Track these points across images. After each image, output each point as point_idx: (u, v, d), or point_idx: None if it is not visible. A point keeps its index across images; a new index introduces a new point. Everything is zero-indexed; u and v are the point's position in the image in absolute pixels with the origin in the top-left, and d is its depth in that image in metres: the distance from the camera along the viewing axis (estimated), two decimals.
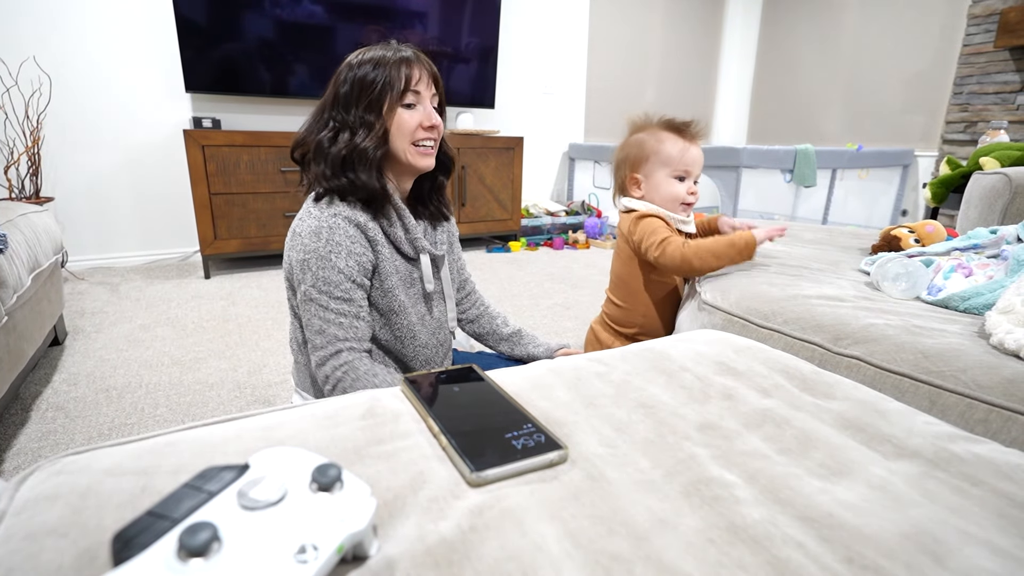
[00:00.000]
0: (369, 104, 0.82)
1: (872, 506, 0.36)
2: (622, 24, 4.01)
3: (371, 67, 0.82)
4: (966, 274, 0.92)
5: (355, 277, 0.81)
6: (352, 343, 0.81)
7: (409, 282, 0.89)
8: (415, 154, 0.86)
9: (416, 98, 0.84)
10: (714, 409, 0.49)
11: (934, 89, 3.44)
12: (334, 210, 0.81)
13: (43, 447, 1.16)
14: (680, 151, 1.03)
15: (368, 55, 0.84)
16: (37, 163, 2.33)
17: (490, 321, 1.09)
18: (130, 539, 0.25)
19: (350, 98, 0.82)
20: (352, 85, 0.83)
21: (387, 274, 0.85)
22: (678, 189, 1.04)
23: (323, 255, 0.79)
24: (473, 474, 0.37)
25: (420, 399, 0.47)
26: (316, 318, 0.80)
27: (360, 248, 0.81)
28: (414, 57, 0.85)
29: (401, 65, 0.82)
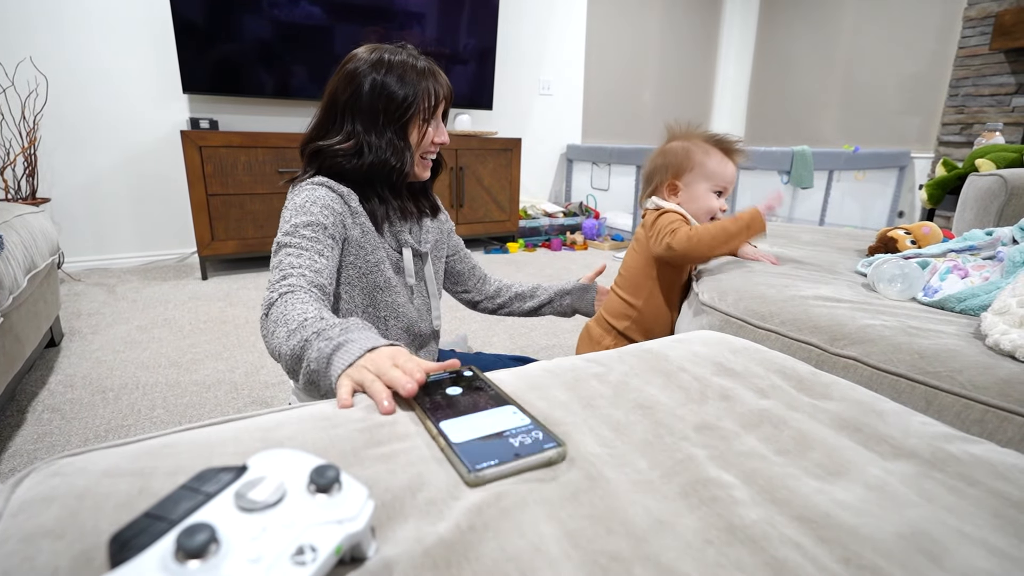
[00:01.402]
0: (398, 126, 0.83)
1: (869, 506, 0.37)
2: (620, 26, 4.02)
3: (397, 80, 0.82)
4: (962, 275, 0.92)
5: (327, 224, 0.78)
6: (304, 271, 0.71)
7: (395, 269, 0.90)
8: (420, 166, 0.88)
9: (435, 114, 0.86)
10: (712, 410, 0.49)
11: (930, 91, 3.46)
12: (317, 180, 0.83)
13: (39, 449, 1.16)
14: (725, 168, 1.07)
15: (391, 60, 0.83)
16: (33, 164, 2.33)
17: (508, 289, 1.14)
18: (127, 541, 0.25)
19: (376, 111, 0.82)
20: (376, 96, 0.82)
21: (373, 246, 0.85)
22: (714, 203, 1.08)
23: (298, 205, 0.79)
24: (471, 474, 0.37)
25: (418, 400, 0.47)
26: (281, 251, 0.74)
27: (339, 207, 0.81)
28: (434, 70, 0.86)
29: (429, 82, 0.84)
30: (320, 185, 0.82)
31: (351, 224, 0.83)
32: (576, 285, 1.16)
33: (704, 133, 1.10)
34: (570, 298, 1.15)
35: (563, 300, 1.15)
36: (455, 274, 1.11)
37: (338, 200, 0.82)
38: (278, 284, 0.69)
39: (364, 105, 0.83)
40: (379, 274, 0.87)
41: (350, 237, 0.84)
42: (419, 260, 0.95)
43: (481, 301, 1.13)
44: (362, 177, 0.84)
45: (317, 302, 0.67)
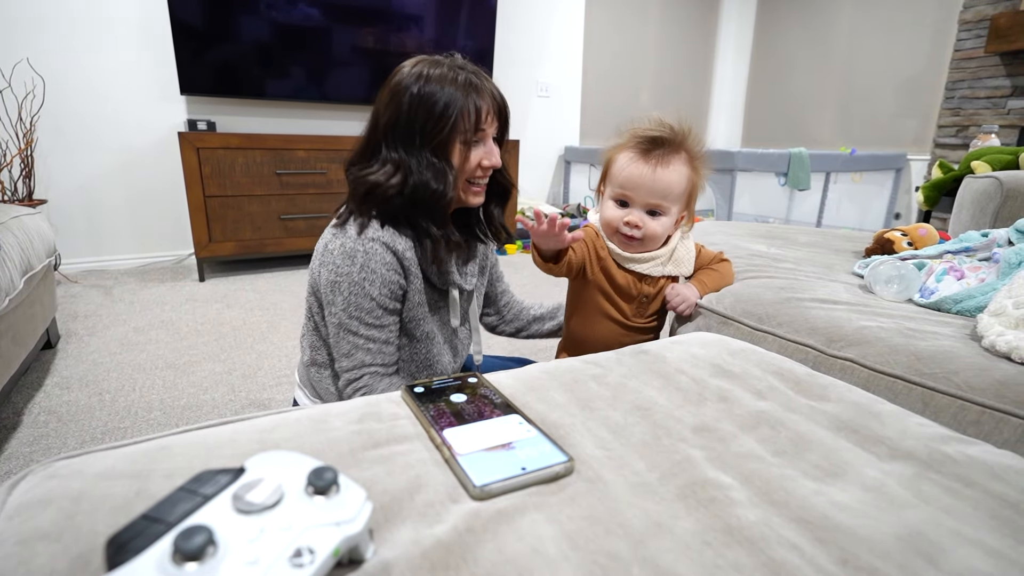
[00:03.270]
0: (436, 146, 0.76)
1: (866, 508, 0.37)
2: (617, 28, 4.03)
3: (432, 95, 0.74)
4: (958, 277, 0.93)
5: (387, 304, 0.78)
6: (377, 367, 0.80)
7: (434, 311, 0.86)
8: (468, 192, 0.82)
9: (481, 135, 0.79)
10: (709, 411, 0.49)
11: (926, 94, 3.47)
12: (373, 233, 0.76)
13: (35, 451, 1.15)
14: (621, 169, 0.84)
15: (430, 86, 0.75)
16: (30, 165, 2.32)
17: (526, 312, 1.10)
18: (124, 543, 0.25)
19: (412, 131, 0.76)
20: (412, 114, 0.75)
21: (416, 303, 0.82)
22: (612, 214, 0.86)
23: (356, 281, 0.76)
24: (477, 489, 0.36)
25: (421, 408, 0.46)
26: (345, 343, 0.79)
27: (394, 276, 0.78)
28: (481, 84, 0.77)
29: (471, 97, 0.75)
30: (374, 241, 0.76)
31: (406, 285, 0.80)
32: None
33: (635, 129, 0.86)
34: None
35: None
36: (490, 301, 1.06)
37: (394, 264, 0.77)
38: (355, 383, 0.80)
39: (402, 125, 0.76)
40: (417, 326, 0.84)
41: (407, 293, 0.81)
42: (465, 299, 0.90)
43: (499, 325, 1.09)
44: (410, 208, 0.77)
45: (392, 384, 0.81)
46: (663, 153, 0.81)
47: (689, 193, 0.84)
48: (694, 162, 0.83)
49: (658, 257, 0.89)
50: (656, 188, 0.81)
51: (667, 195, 0.82)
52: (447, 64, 0.78)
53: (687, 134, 0.83)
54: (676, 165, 0.81)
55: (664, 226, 0.84)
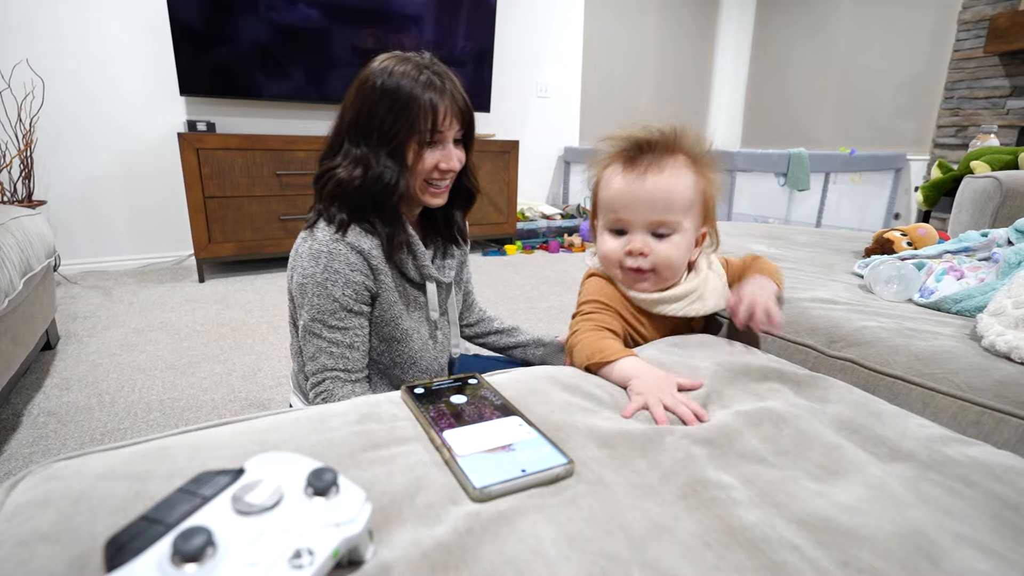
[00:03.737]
0: (392, 148, 0.76)
1: (867, 508, 0.37)
2: (617, 28, 4.03)
3: (393, 100, 0.75)
4: (958, 276, 0.93)
5: (351, 306, 0.78)
6: (339, 372, 0.79)
7: (414, 307, 0.87)
8: (425, 193, 0.81)
9: (439, 137, 0.78)
10: (709, 412, 0.49)
11: (925, 94, 3.47)
12: (338, 234, 0.77)
13: (34, 452, 1.15)
14: (607, 188, 0.67)
15: (392, 81, 0.75)
16: (29, 166, 2.32)
17: (489, 322, 1.10)
18: (123, 544, 0.25)
19: (370, 131, 0.76)
20: (372, 117, 0.76)
21: (390, 302, 0.82)
22: (609, 247, 0.67)
23: (320, 282, 0.76)
24: (476, 491, 0.36)
25: (421, 409, 0.46)
26: (311, 346, 0.79)
27: (360, 276, 0.78)
28: (443, 86, 0.77)
29: (428, 99, 0.75)
30: (338, 242, 0.76)
31: (373, 285, 0.80)
32: (553, 341, 1.07)
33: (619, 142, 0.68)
34: (543, 351, 1.08)
35: (536, 350, 1.08)
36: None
37: (359, 264, 0.77)
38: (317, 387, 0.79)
39: (363, 120, 0.77)
40: (396, 327, 0.84)
41: (378, 294, 0.81)
42: (443, 292, 0.91)
43: (460, 326, 1.08)
44: (368, 202, 0.78)
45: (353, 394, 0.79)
46: (652, 158, 0.64)
47: (703, 202, 0.66)
48: (698, 165, 0.66)
49: (693, 292, 0.68)
50: (654, 200, 0.63)
51: (669, 206, 0.63)
52: (413, 62, 0.77)
53: (683, 136, 0.66)
54: (673, 169, 0.64)
55: (679, 248, 0.64)
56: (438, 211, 0.88)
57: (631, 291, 0.68)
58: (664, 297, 0.67)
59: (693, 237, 0.67)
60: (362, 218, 0.79)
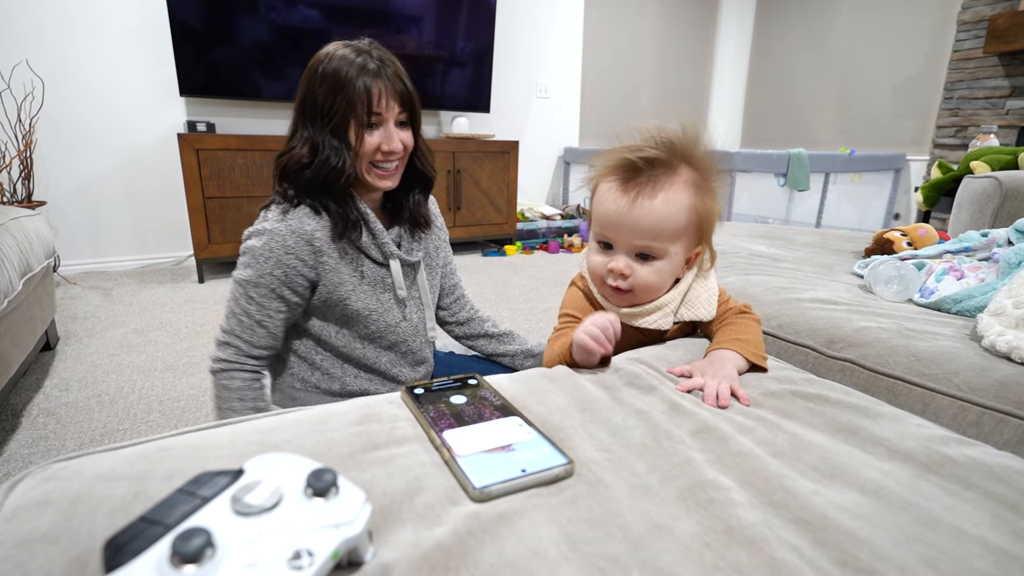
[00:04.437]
0: (333, 128, 0.79)
1: (866, 509, 0.37)
2: (617, 28, 4.03)
3: (332, 84, 0.78)
4: (958, 277, 0.93)
5: (276, 287, 0.80)
6: (241, 344, 0.82)
7: (381, 287, 0.88)
8: (373, 175, 0.83)
9: (378, 119, 0.81)
10: (707, 414, 0.49)
11: (925, 94, 3.48)
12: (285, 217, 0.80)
13: (34, 453, 1.15)
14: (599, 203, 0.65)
15: (331, 65, 0.79)
16: (29, 167, 2.32)
17: (480, 323, 1.08)
18: (122, 545, 0.25)
19: (315, 115, 0.80)
20: (315, 100, 0.80)
21: (335, 283, 0.83)
22: (594, 259, 0.67)
23: (256, 255, 0.79)
24: (476, 491, 0.36)
25: (420, 410, 0.46)
26: (230, 303, 0.83)
27: (294, 261, 0.80)
28: (379, 70, 0.80)
29: (363, 83, 0.78)
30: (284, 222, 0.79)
31: (311, 271, 0.81)
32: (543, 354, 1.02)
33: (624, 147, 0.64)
34: (532, 363, 1.06)
35: (525, 362, 1.06)
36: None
37: (297, 248, 0.79)
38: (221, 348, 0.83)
39: (308, 110, 0.81)
40: (346, 306, 0.85)
41: (319, 278, 0.82)
42: (410, 270, 0.92)
43: (450, 323, 1.08)
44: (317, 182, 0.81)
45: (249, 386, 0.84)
46: (649, 179, 0.61)
47: (698, 224, 0.63)
48: (702, 183, 0.63)
49: (666, 306, 0.67)
50: (639, 227, 0.61)
51: (657, 234, 0.61)
52: (354, 47, 0.81)
53: (691, 149, 0.63)
54: (669, 193, 0.61)
55: (661, 273, 0.64)
56: (399, 194, 0.90)
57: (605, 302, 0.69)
58: (634, 312, 0.67)
59: (681, 260, 0.65)
60: (313, 197, 0.81)
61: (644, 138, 0.64)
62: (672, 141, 0.63)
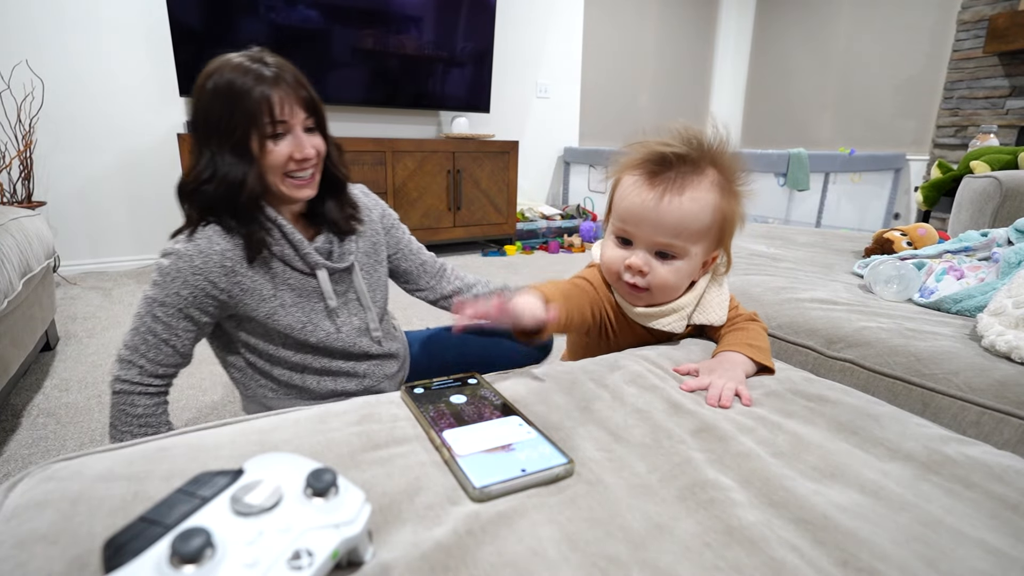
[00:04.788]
0: (234, 146, 0.75)
1: (866, 509, 0.37)
2: (617, 29, 4.03)
3: (227, 97, 0.74)
4: (958, 276, 0.93)
5: (184, 308, 0.78)
6: (145, 363, 0.79)
7: (316, 297, 0.85)
8: (289, 187, 0.79)
9: (283, 127, 0.77)
10: (709, 413, 0.49)
11: (925, 94, 3.48)
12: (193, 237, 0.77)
13: (34, 453, 1.15)
14: (623, 197, 0.63)
15: (224, 78, 0.75)
16: (29, 167, 2.32)
17: (468, 288, 1.04)
18: (122, 546, 0.25)
19: (211, 133, 0.76)
20: (208, 117, 0.75)
21: (256, 301, 0.80)
22: (611, 254, 0.65)
23: (164, 273, 0.77)
24: (476, 490, 0.36)
25: (421, 409, 0.46)
26: (136, 318, 0.79)
27: (204, 283, 0.77)
28: (276, 77, 0.76)
29: (260, 92, 0.74)
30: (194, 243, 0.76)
31: (221, 292, 0.78)
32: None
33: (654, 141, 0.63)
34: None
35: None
36: (402, 273, 1.02)
37: (206, 268, 0.76)
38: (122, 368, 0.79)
39: (202, 121, 0.77)
40: (276, 321, 0.82)
41: (234, 299, 0.79)
42: (344, 275, 0.88)
43: (438, 300, 1.04)
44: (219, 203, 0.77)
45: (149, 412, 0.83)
46: (677, 176, 0.60)
47: (720, 227, 0.62)
48: (728, 186, 0.61)
49: (683, 309, 0.66)
50: (664, 223, 0.59)
51: (680, 232, 0.60)
52: (247, 56, 0.77)
53: (719, 149, 0.62)
54: (696, 191, 0.59)
55: (680, 273, 0.62)
56: (315, 201, 0.86)
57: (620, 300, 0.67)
58: (648, 313, 0.65)
59: (700, 262, 0.63)
60: (215, 217, 0.78)
61: (672, 136, 0.62)
62: (699, 141, 0.62)
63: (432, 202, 3.04)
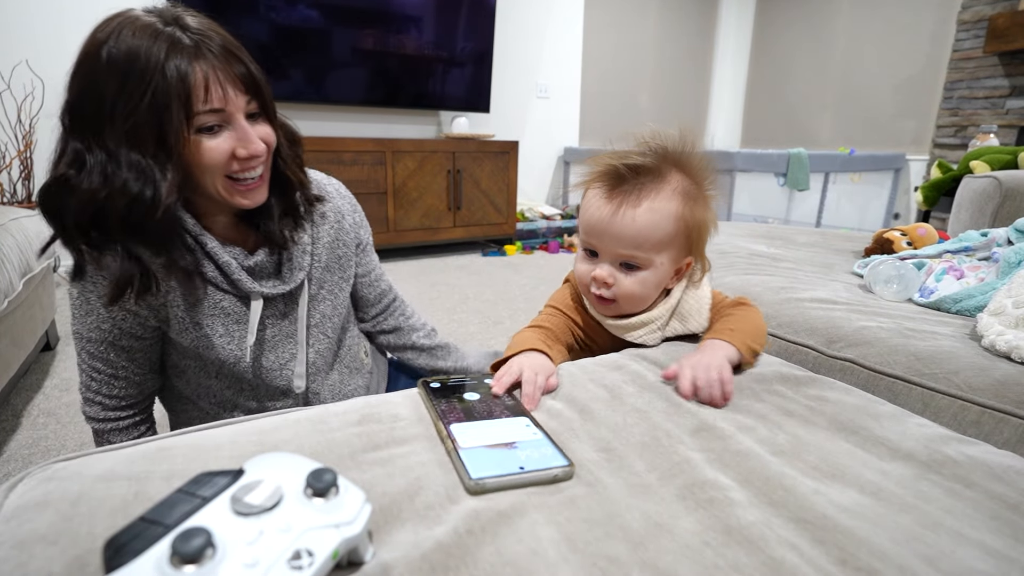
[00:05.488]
0: (138, 143, 0.53)
1: (866, 508, 0.37)
2: (616, 29, 4.03)
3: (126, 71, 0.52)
4: (958, 276, 0.93)
5: (115, 340, 0.65)
6: (104, 399, 0.69)
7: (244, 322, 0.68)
8: (233, 192, 0.60)
9: (218, 117, 0.57)
10: (708, 412, 0.49)
11: (925, 94, 3.48)
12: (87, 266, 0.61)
13: (34, 453, 1.15)
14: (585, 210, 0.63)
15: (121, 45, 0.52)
16: (29, 167, 2.32)
17: (409, 334, 0.90)
18: (122, 546, 0.25)
19: (99, 118, 0.53)
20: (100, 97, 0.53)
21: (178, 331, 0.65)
22: (580, 267, 0.65)
23: (76, 306, 0.64)
24: (472, 482, 0.37)
25: (433, 403, 0.47)
26: (77, 355, 0.68)
27: (120, 313, 0.63)
28: (197, 47, 0.54)
29: (176, 69, 0.52)
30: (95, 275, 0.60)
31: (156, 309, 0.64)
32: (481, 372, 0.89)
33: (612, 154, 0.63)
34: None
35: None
36: (356, 297, 0.85)
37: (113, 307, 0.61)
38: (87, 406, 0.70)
39: (87, 107, 0.54)
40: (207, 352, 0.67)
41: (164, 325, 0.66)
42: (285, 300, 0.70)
43: (375, 333, 0.89)
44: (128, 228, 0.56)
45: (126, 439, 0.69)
46: (634, 188, 0.59)
47: (686, 234, 0.61)
48: (694, 191, 0.61)
49: (654, 321, 0.65)
50: (623, 235, 0.59)
51: (640, 243, 0.59)
52: (156, 14, 0.55)
53: (685, 155, 0.61)
54: (655, 202, 0.59)
55: (645, 284, 0.61)
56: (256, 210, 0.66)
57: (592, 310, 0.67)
58: (620, 325, 0.65)
59: (668, 270, 0.62)
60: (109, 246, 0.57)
61: (638, 143, 0.62)
62: (665, 147, 0.61)
63: (432, 202, 3.04)
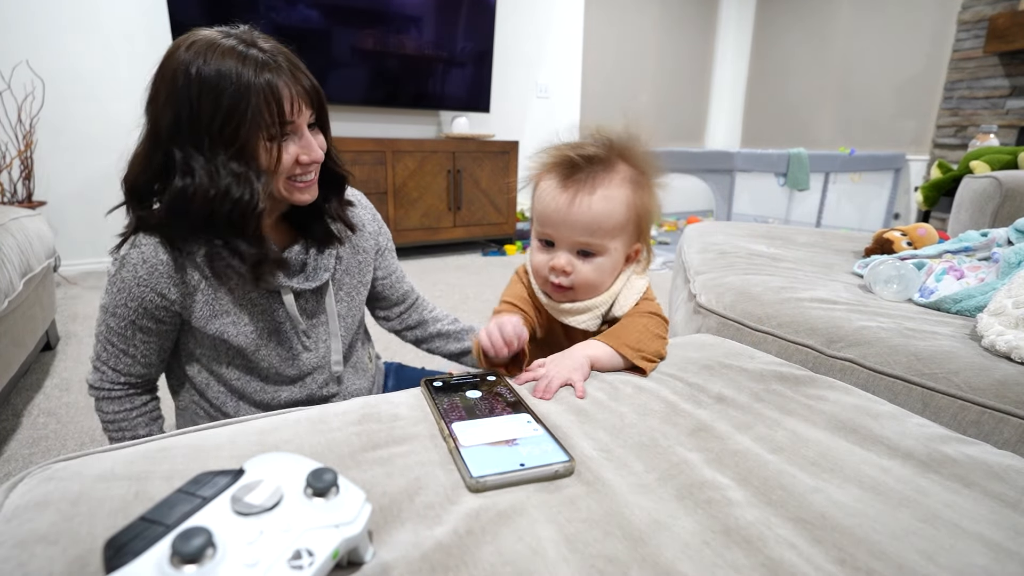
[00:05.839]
0: (235, 147, 0.63)
1: (865, 507, 0.37)
2: (617, 28, 4.03)
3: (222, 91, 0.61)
4: (958, 276, 0.93)
5: (136, 319, 0.70)
6: (108, 370, 0.74)
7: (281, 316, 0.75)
8: (292, 191, 0.69)
9: (291, 127, 0.66)
10: (706, 413, 0.49)
11: (925, 94, 3.48)
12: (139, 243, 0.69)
13: (34, 453, 1.15)
14: (539, 200, 0.65)
15: (214, 65, 0.61)
16: (30, 167, 2.32)
17: (433, 324, 0.96)
18: (122, 546, 0.25)
19: (198, 131, 0.62)
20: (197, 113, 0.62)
21: (210, 316, 0.71)
22: (536, 258, 0.66)
23: (112, 282, 0.70)
24: (473, 480, 0.37)
25: (436, 401, 0.47)
26: (97, 324, 0.74)
27: (150, 295, 0.68)
28: (278, 66, 0.64)
29: (266, 85, 0.62)
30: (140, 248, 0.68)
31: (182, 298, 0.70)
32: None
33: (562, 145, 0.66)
34: None
35: None
36: (380, 299, 0.92)
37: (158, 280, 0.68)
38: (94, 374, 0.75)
39: (186, 123, 0.63)
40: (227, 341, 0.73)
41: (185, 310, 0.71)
42: (313, 296, 0.78)
43: (401, 330, 0.96)
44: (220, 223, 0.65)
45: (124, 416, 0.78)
46: (588, 176, 0.61)
47: (636, 222, 0.64)
48: (640, 180, 0.63)
49: (596, 308, 0.66)
50: (580, 222, 0.61)
51: (596, 229, 0.61)
52: (236, 36, 0.65)
53: (629, 146, 0.64)
54: (608, 189, 0.61)
55: (602, 269, 0.64)
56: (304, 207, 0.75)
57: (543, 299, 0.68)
58: (565, 308, 0.66)
59: (621, 256, 0.65)
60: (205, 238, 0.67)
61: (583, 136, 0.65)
62: (611, 139, 0.64)
63: (432, 202, 3.04)
